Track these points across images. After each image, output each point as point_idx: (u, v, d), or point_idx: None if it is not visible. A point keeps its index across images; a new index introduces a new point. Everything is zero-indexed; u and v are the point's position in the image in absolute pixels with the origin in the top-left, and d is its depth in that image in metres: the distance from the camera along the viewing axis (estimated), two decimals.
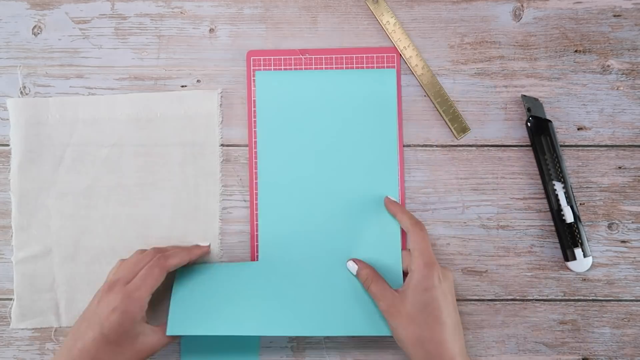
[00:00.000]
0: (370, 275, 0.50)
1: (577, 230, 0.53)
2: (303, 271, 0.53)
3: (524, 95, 0.55)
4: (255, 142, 0.55)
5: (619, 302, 0.54)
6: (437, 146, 0.56)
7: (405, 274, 0.52)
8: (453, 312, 0.48)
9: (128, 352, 0.46)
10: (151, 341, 0.48)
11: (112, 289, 0.47)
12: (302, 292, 0.52)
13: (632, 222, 0.55)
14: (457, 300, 0.53)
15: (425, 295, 0.47)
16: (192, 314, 0.51)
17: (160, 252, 0.50)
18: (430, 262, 0.48)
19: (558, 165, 0.53)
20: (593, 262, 0.54)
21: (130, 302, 0.46)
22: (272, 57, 0.56)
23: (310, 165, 0.55)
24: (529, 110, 0.54)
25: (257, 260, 0.55)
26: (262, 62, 0.56)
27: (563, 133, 0.55)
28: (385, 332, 0.50)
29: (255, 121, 0.56)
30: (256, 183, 0.55)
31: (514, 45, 0.56)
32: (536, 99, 0.55)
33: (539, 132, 0.54)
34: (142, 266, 0.48)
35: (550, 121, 0.54)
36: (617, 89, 0.56)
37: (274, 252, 0.54)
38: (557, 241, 0.54)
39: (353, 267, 0.52)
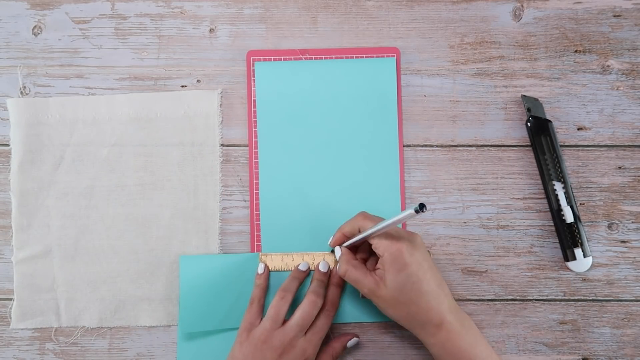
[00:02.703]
0: (344, 268, 0.50)
1: (577, 231, 0.53)
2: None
3: (524, 96, 0.55)
4: (256, 142, 0.55)
5: (619, 302, 0.54)
6: (437, 146, 0.56)
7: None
8: (432, 276, 0.47)
9: None
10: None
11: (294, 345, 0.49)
12: (306, 284, 0.53)
13: (632, 222, 0.55)
14: (457, 300, 0.53)
15: (400, 275, 0.47)
16: (202, 310, 0.52)
17: (318, 295, 0.50)
18: (394, 238, 0.47)
19: (558, 165, 0.53)
20: (593, 262, 0.54)
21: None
22: (272, 57, 0.56)
23: (310, 157, 0.55)
24: (529, 110, 0.54)
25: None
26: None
27: (563, 133, 0.55)
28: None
29: (255, 121, 0.56)
30: (256, 183, 0.55)
31: (514, 45, 0.56)
32: (536, 99, 0.55)
33: (539, 132, 0.54)
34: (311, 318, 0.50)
35: (550, 121, 0.54)
36: (617, 89, 0.56)
37: (276, 248, 0.54)
38: (557, 241, 0.54)
39: (337, 252, 0.52)
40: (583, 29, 0.56)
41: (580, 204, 0.55)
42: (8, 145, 0.56)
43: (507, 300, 0.55)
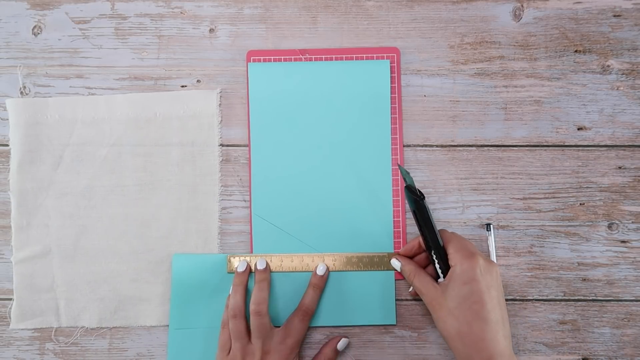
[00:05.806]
0: (413, 271, 0.50)
1: None
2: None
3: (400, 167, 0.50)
4: None
5: (619, 302, 0.54)
6: (437, 146, 0.56)
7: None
8: (497, 307, 0.46)
9: None
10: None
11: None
12: (299, 285, 0.53)
13: (632, 222, 0.55)
14: None
15: (465, 288, 0.46)
16: (193, 308, 0.53)
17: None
18: (469, 254, 0.47)
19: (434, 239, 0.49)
20: (593, 261, 0.54)
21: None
22: (272, 57, 0.56)
23: (304, 159, 0.55)
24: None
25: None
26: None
27: (563, 133, 0.55)
28: (384, 320, 0.53)
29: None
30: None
31: (514, 45, 0.56)
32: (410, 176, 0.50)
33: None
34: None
35: (423, 199, 0.49)
36: (617, 89, 0.56)
37: (268, 249, 0.54)
38: (558, 241, 0.54)
39: (396, 263, 0.52)
40: (583, 29, 0.56)
41: (580, 204, 0.55)
42: (7, 145, 0.56)
43: (507, 300, 0.55)
